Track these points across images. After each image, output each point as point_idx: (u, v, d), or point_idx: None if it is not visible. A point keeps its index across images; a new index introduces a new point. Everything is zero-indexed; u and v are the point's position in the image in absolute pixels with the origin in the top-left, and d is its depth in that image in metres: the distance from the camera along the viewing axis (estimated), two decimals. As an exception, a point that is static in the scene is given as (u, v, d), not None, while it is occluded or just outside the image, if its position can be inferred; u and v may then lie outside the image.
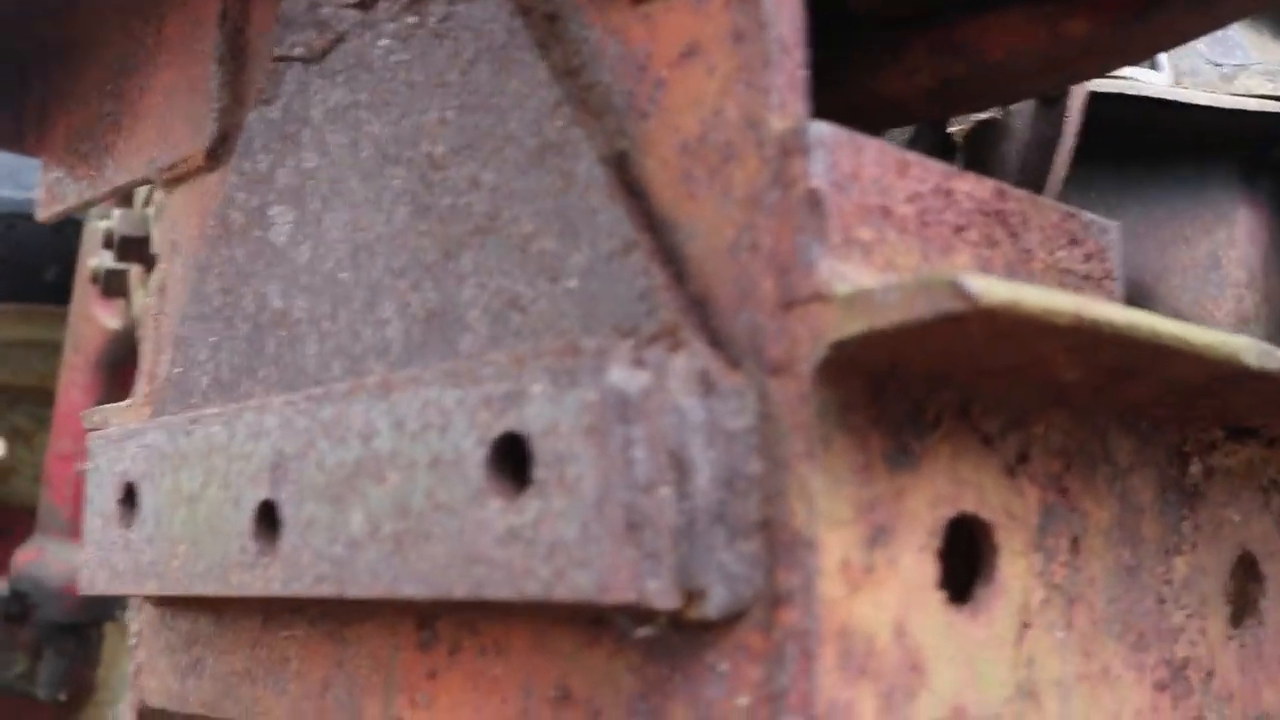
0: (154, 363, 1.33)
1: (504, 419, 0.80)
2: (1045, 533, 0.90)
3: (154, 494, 1.11)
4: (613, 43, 0.93)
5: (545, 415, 0.78)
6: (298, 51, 1.15)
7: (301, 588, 0.95)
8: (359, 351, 1.04)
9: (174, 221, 1.34)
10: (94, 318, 2.63)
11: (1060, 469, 0.92)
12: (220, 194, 1.25)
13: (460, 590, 0.82)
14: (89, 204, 1.48)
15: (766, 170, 0.82)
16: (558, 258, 0.90)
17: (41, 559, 2.72)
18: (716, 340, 0.83)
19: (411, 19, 1.04)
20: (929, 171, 0.87)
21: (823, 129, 0.80)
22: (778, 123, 0.82)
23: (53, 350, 2.88)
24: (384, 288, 1.03)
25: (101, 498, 1.19)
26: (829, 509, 0.77)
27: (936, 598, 0.82)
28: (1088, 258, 1.01)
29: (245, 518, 1.00)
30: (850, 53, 1.05)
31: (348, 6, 1.09)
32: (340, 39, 1.11)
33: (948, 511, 0.83)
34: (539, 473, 0.78)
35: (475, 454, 0.82)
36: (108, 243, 2.32)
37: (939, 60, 1.00)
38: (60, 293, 2.82)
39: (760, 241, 0.81)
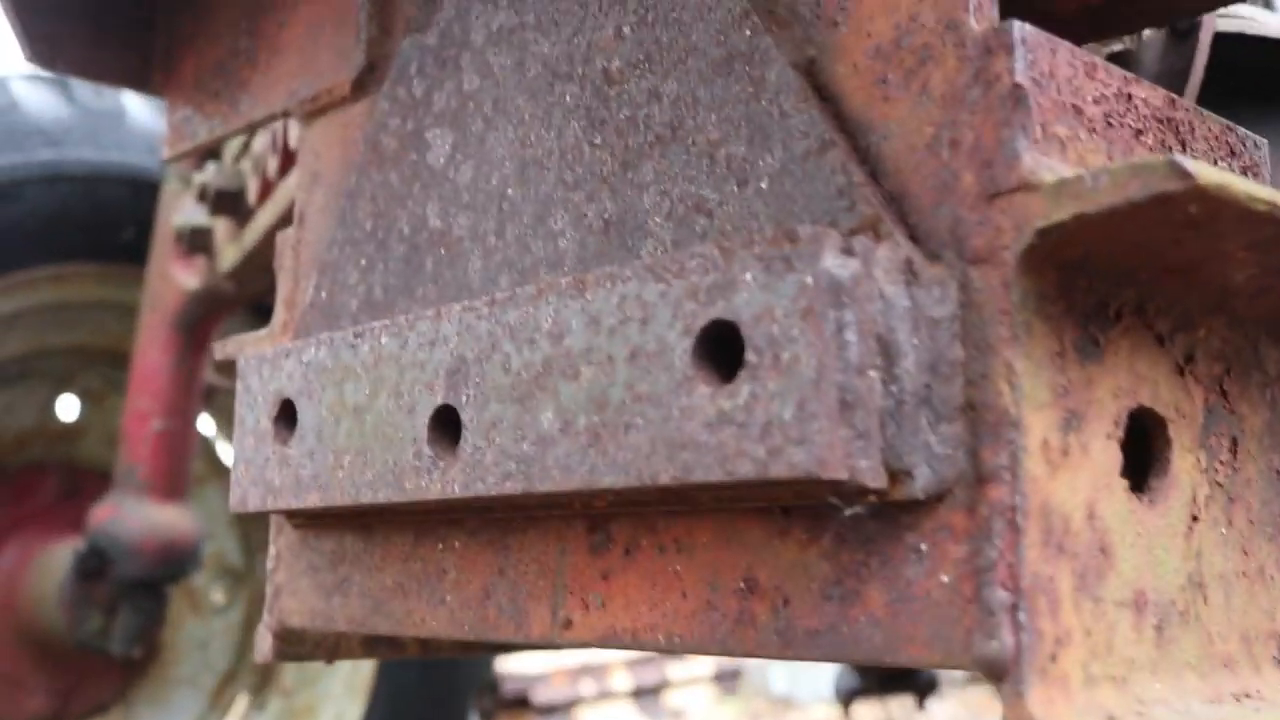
0: (293, 291, 1.36)
1: (712, 308, 0.82)
2: (1209, 432, 0.92)
3: (314, 409, 1.14)
4: (799, -47, 0.95)
5: (757, 301, 0.80)
6: (458, -23, 1.17)
7: (484, 488, 0.97)
8: (528, 264, 1.07)
9: (315, 152, 1.36)
10: (172, 277, 2.65)
11: (1221, 372, 0.94)
12: (368, 122, 1.28)
13: (666, 476, 0.84)
14: (220, 139, 1.51)
15: (967, 69, 0.84)
16: (747, 161, 0.92)
17: (118, 516, 2.75)
18: (914, 234, 0.85)
19: (584, -62, 1.06)
20: (1112, 76, 0.89)
21: (1024, 28, 0.83)
22: (976, 24, 0.84)
23: (128, 311, 2.91)
24: (556, 201, 1.05)
25: (254, 417, 1.21)
26: (1031, 391, 0.79)
27: (1121, 485, 0.84)
28: (1244, 170, 1.03)
29: (420, 424, 1.02)
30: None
31: (514, -72, 1.11)
32: (504, -38, 1.13)
33: (1129, 403, 0.86)
34: (751, 357, 0.80)
35: (681, 344, 0.84)
36: (201, 196, 2.35)
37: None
38: (138, 253, 2.85)
39: (961, 137, 0.84)
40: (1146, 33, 1.33)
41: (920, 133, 0.86)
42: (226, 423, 3.19)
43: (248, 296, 2.62)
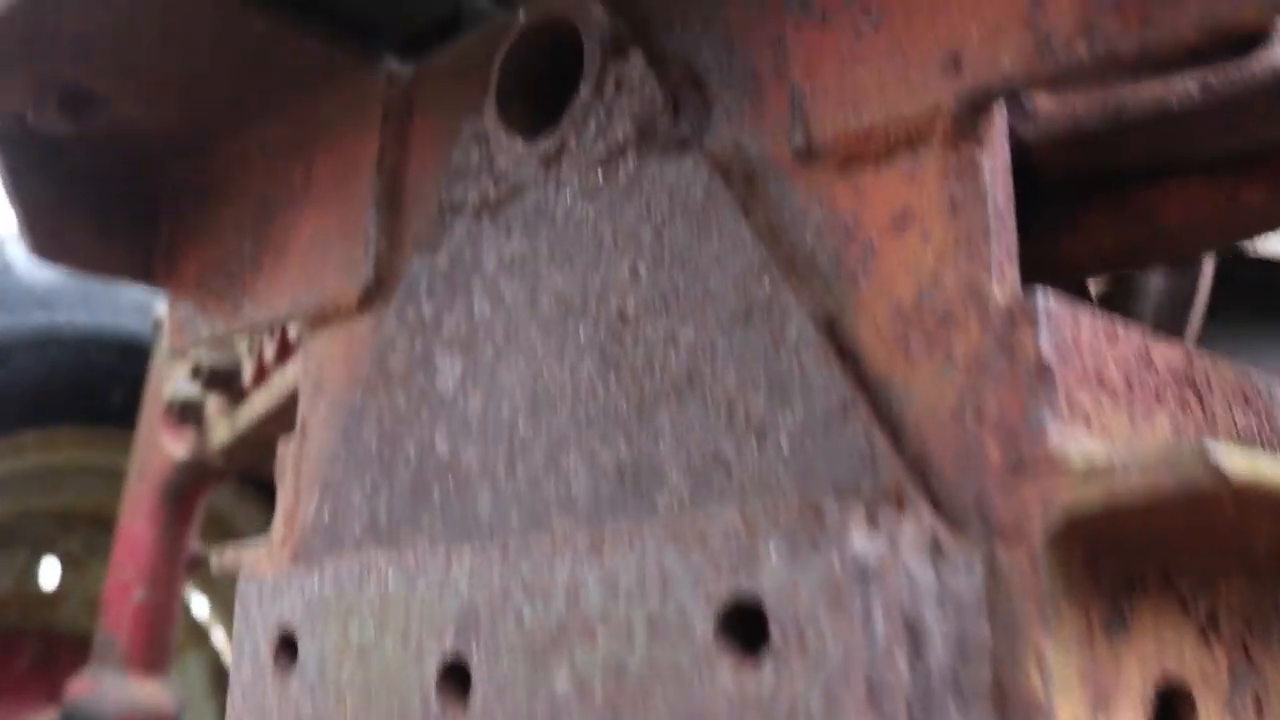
0: (294, 506, 1.34)
1: (735, 581, 0.80)
2: (1234, 694, 0.91)
3: (316, 644, 1.11)
4: (817, 206, 0.95)
5: (782, 579, 0.78)
6: (470, 200, 1.17)
7: (494, 744, 0.94)
8: (540, 504, 1.05)
9: (318, 363, 1.35)
10: (161, 446, 2.63)
11: (1243, 628, 0.92)
12: (374, 339, 1.27)
13: (687, 753, 0.82)
14: (222, 340, 1.50)
15: (991, 338, 0.83)
16: (767, 417, 0.91)
17: (97, 692, 2.68)
18: (938, 503, 0.84)
19: (599, 175, 1.06)
20: (1132, 338, 0.89)
21: (1048, 300, 0.82)
22: (1000, 292, 0.84)
23: (114, 475, 2.88)
24: (569, 440, 1.04)
25: (253, 644, 1.18)
26: (1061, 676, 0.78)
27: (1154, 764, 0.82)
28: (1257, 415, 1.03)
29: (428, 673, 0.99)
30: (1027, 212, 1.07)
31: (529, 160, 1.11)
32: (518, 191, 1.13)
33: (1156, 674, 0.84)
34: (776, 638, 0.78)
35: (703, 616, 0.82)
36: (194, 372, 2.34)
37: (1118, 224, 1.03)
38: (126, 417, 2.83)
39: (985, 407, 0.83)
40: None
41: (943, 399, 0.85)
42: (209, 592, 3.15)
43: (237, 470, 2.60)
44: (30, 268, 2.86)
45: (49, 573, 3.04)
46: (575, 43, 1.10)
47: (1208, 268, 1.32)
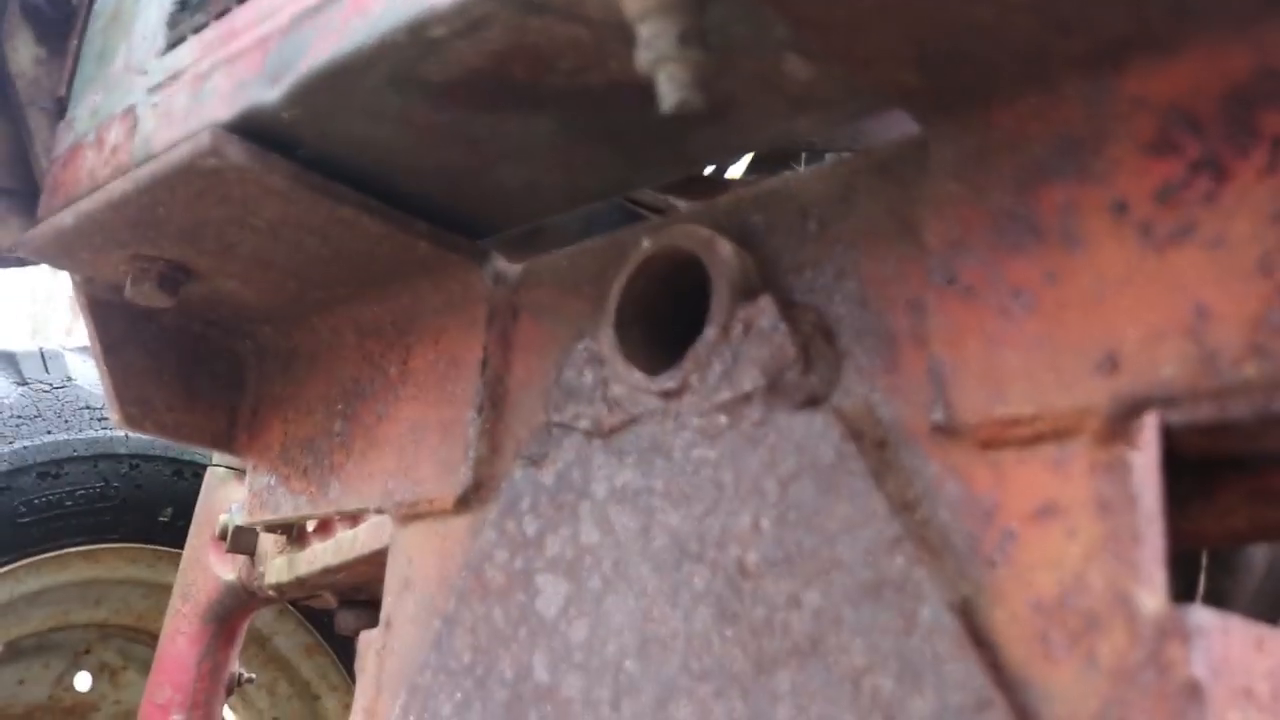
0: (375, 700, 1.32)
1: None
2: None
3: None
4: (952, 482, 0.94)
5: None
6: (582, 424, 1.16)
7: None
8: (646, 749, 1.03)
9: (408, 558, 1.34)
10: (208, 567, 2.61)
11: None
12: (470, 545, 1.26)
13: None
14: (304, 519, 1.49)
15: (1139, 649, 0.82)
16: (895, 699, 0.90)
17: (131, 811, 2.65)
18: (1080, 816, 0.82)
19: (722, 418, 1.06)
20: (1277, 644, 0.87)
21: (1201, 614, 0.81)
22: (1149, 600, 0.83)
23: (155, 589, 2.87)
24: (680, 689, 1.02)
25: None
26: None
27: None
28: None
29: None
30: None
31: (648, 393, 1.11)
32: (633, 420, 1.12)
33: None
34: None
35: None
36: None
37: (1254, 506, 1.01)
38: (173, 534, 2.82)
39: (1130, 719, 0.81)
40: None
41: (1085, 704, 0.83)
42: (249, 715, 3.12)
43: (287, 601, 2.59)
44: (90, 380, 2.87)
45: (83, 683, 3.02)
46: (699, 277, 1.10)
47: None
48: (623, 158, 1.20)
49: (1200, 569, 1.25)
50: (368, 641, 1.35)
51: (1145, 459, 0.86)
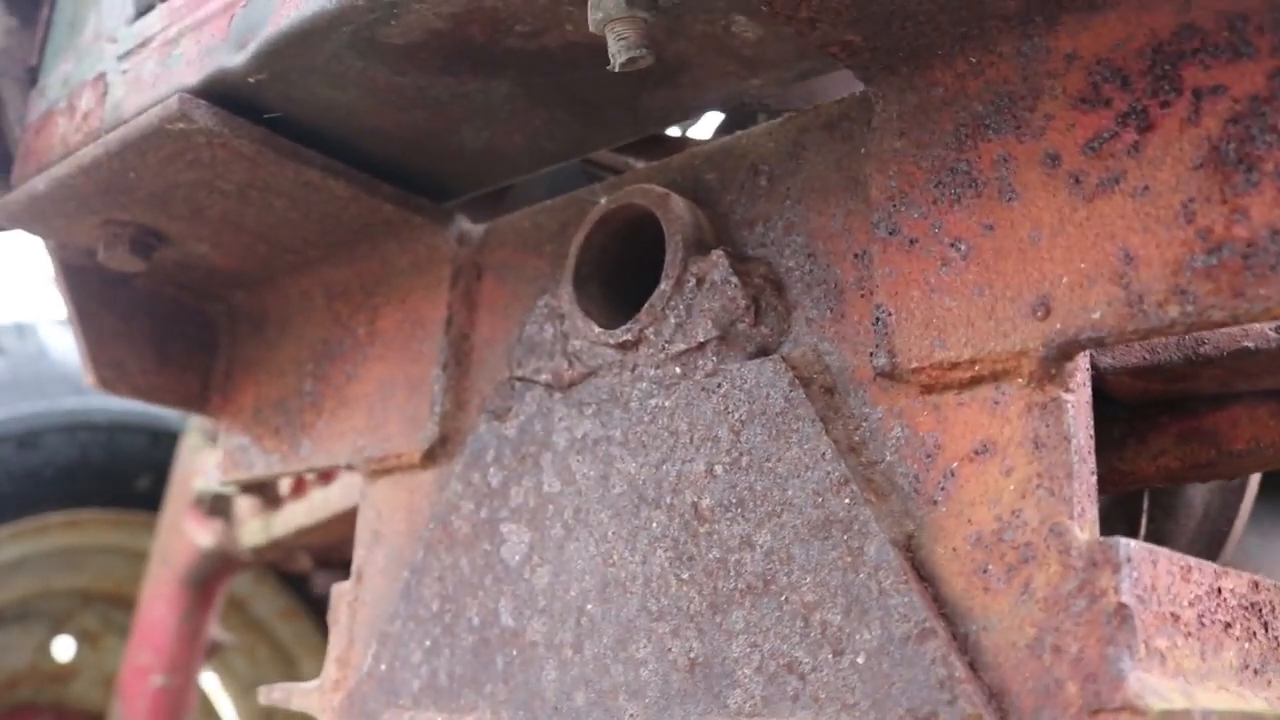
0: (347, 650, 1.36)
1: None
2: None
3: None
4: (897, 425, 0.98)
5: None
6: (543, 377, 1.20)
7: None
8: (607, 686, 1.07)
9: (377, 511, 1.38)
10: (186, 533, 2.64)
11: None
12: (438, 498, 1.29)
13: None
14: (276, 477, 1.52)
15: (1072, 578, 0.86)
16: (843, 632, 0.94)
17: (112, 774, 2.69)
18: (1015, 737, 0.86)
19: (676, 368, 1.09)
20: (1204, 574, 0.91)
21: (1130, 546, 0.85)
22: (1081, 532, 0.87)
23: (135, 556, 2.89)
24: (639, 628, 1.06)
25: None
26: None
27: None
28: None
29: None
30: (1097, 427, 1.10)
31: (605, 346, 1.14)
32: (592, 374, 1.16)
33: None
34: None
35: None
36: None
37: (1186, 446, 1.06)
38: (151, 501, 2.84)
39: (1064, 646, 0.85)
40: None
41: (1022, 632, 0.88)
42: (228, 678, 3.15)
43: (262, 564, 2.62)
44: (66, 352, 2.88)
45: (64, 649, 3.04)
46: (655, 233, 1.13)
47: (1253, 480, 1.36)
48: (581, 119, 1.23)
49: (1141, 512, 1.29)
50: (340, 593, 1.39)
51: (1077, 399, 0.90)
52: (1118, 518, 1.31)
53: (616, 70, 0.97)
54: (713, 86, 1.16)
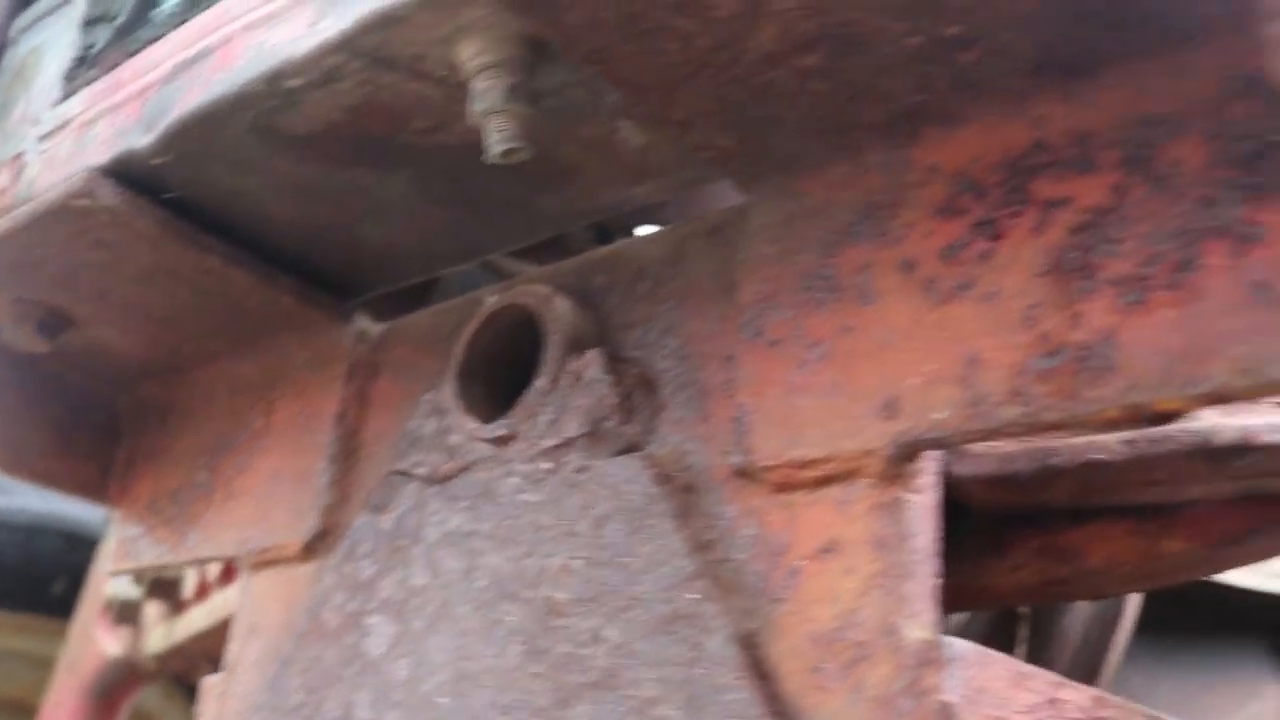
0: (213, 742, 1.33)
1: None
2: None
3: None
4: (750, 524, 0.98)
5: None
6: (420, 471, 1.20)
7: None
8: (453, 781, 1.06)
9: (257, 604, 1.36)
10: (95, 641, 2.60)
11: None
12: (313, 591, 1.28)
13: None
14: (163, 569, 1.51)
15: (902, 677, 0.86)
16: (680, 727, 0.93)
17: None
18: (839, 839, 0.85)
19: (546, 464, 1.10)
20: (1041, 683, 0.91)
21: (958, 645, 0.85)
22: (913, 632, 0.87)
23: (42, 663, 2.84)
24: (487, 722, 1.05)
25: None
26: None
27: None
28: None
29: None
30: (953, 540, 1.11)
31: (481, 441, 1.15)
32: (468, 468, 1.16)
33: None
34: None
35: None
36: (137, 576, 2.33)
37: (1042, 561, 1.06)
38: (65, 606, 2.81)
39: (891, 748, 0.85)
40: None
41: (853, 731, 0.87)
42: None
43: (168, 675, 2.57)
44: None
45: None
46: (539, 332, 1.15)
47: (1129, 612, 1.36)
48: (476, 221, 1.26)
49: (1019, 639, 1.29)
50: (209, 686, 1.37)
51: (920, 500, 0.91)
52: (996, 644, 1.30)
53: (493, 161, 0.99)
54: (603, 191, 1.19)
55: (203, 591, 2.27)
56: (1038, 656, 1.31)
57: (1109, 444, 0.99)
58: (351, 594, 1.22)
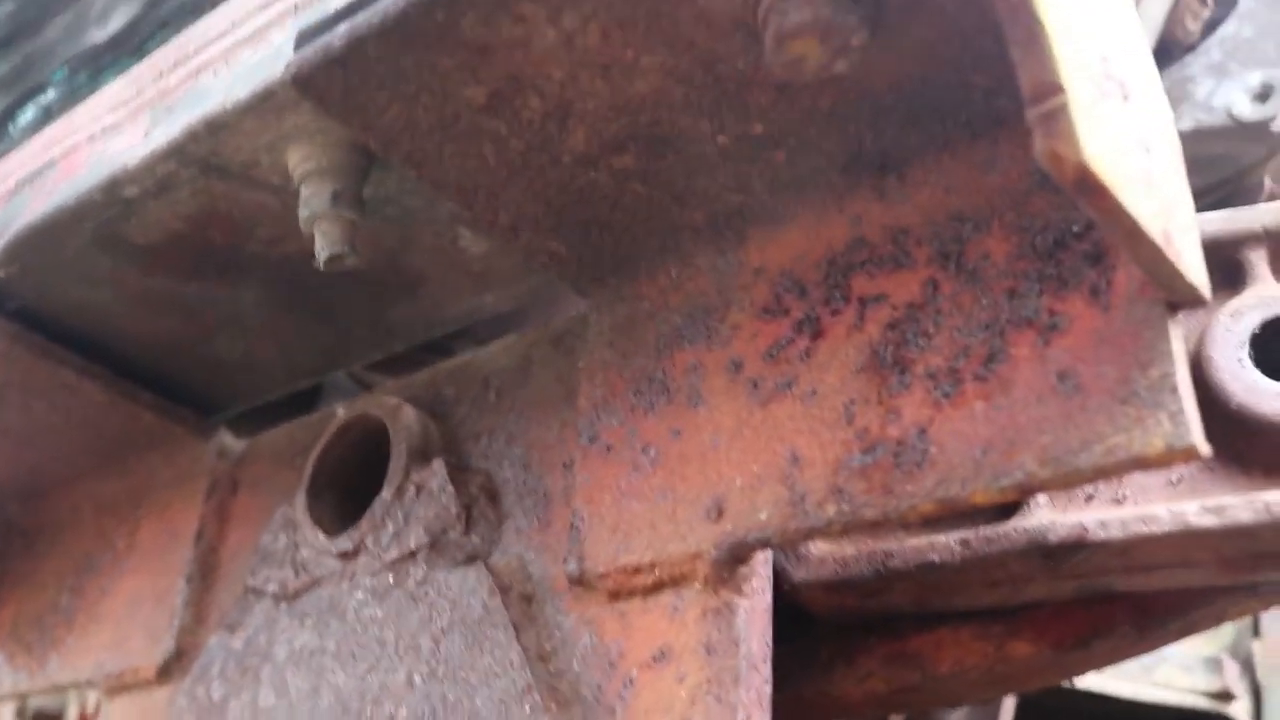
0: None
1: None
2: None
3: None
4: (587, 633, 0.96)
5: None
6: (271, 587, 1.17)
7: None
8: None
9: (113, 731, 1.32)
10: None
11: None
12: (167, 714, 1.24)
13: None
14: (22, 695, 1.46)
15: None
16: (510, 847, 0.90)
17: None
18: None
19: (390, 577, 1.07)
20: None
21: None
22: (740, 747, 0.85)
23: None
24: (325, 847, 1.01)
25: None
26: None
27: None
28: None
29: None
30: (802, 650, 1.09)
31: (329, 555, 1.12)
32: (316, 583, 1.13)
33: None
34: None
35: None
36: (19, 712, 2.26)
37: (891, 669, 1.04)
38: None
39: None
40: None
41: None
42: None
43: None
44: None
45: None
46: (387, 443, 1.13)
47: (1009, 702, 1.33)
48: (331, 332, 1.24)
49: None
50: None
51: (751, 605, 0.89)
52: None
53: (322, 268, 0.98)
54: (450, 302, 1.18)
55: (84, 721, 2.21)
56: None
57: (946, 544, 0.98)
58: (201, 717, 1.18)
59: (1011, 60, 0.62)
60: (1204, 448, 0.70)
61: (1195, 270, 0.73)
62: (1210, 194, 1.43)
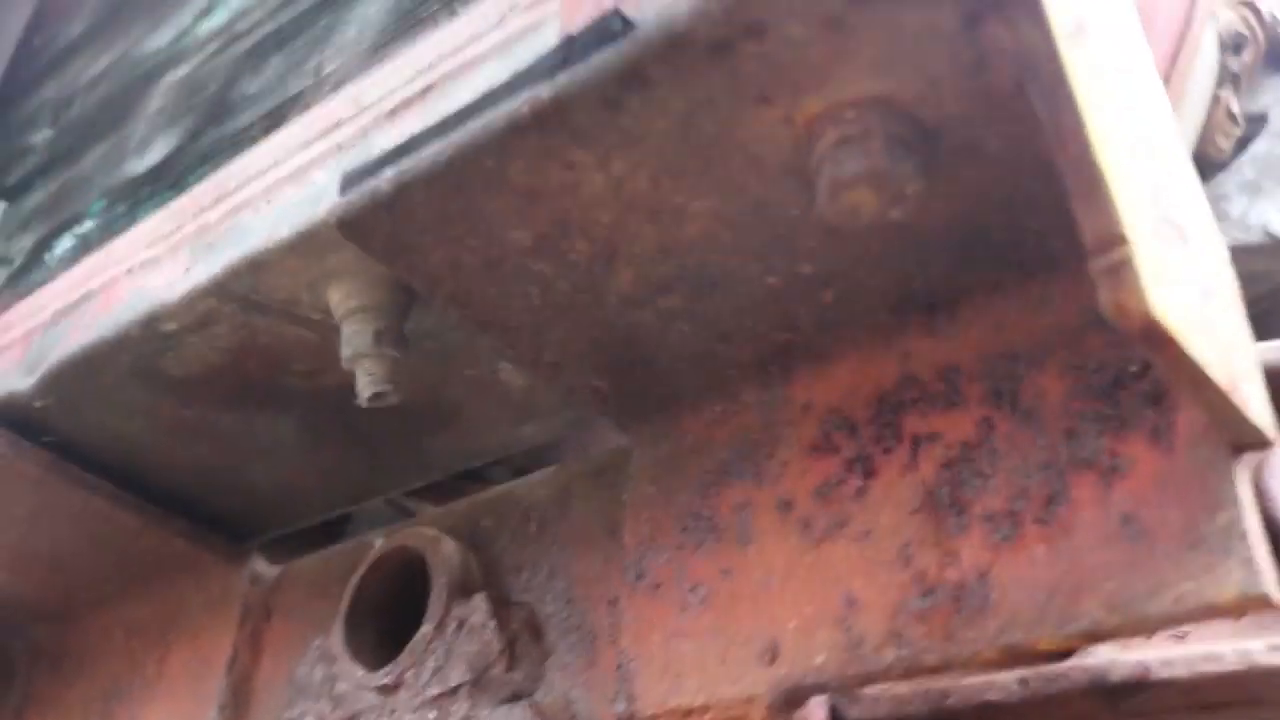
0: None
1: None
2: None
3: None
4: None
5: None
6: (307, 720, 1.15)
7: None
8: None
9: None
10: None
11: None
12: None
13: None
14: (51, 827, 1.44)
15: None
16: None
17: None
18: None
19: (431, 714, 1.05)
20: None
21: None
22: None
23: None
24: None
25: None
26: None
27: None
28: None
29: None
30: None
31: (368, 689, 1.10)
32: (354, 717, 1.11)
33: None
34: None
35: None
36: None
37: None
38: None
39: None
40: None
41: None
42: None
43: None
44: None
45: None
46: (426, 575, 1.12)
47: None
48: (368, 461, 1.23)
49: None
50: None
51: (809, 748, 0.87)
52: None
53: (364, 405, 0.97)
54: (488, 432, 1.17)
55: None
56: None
57: (1004, 683, 0.96)
58: None
59: (1066, 204, 0.62)
60: (1278, 597, 0.68)
61: (1260, 413, 0.72)
62: (1247, 310, 1.42)
